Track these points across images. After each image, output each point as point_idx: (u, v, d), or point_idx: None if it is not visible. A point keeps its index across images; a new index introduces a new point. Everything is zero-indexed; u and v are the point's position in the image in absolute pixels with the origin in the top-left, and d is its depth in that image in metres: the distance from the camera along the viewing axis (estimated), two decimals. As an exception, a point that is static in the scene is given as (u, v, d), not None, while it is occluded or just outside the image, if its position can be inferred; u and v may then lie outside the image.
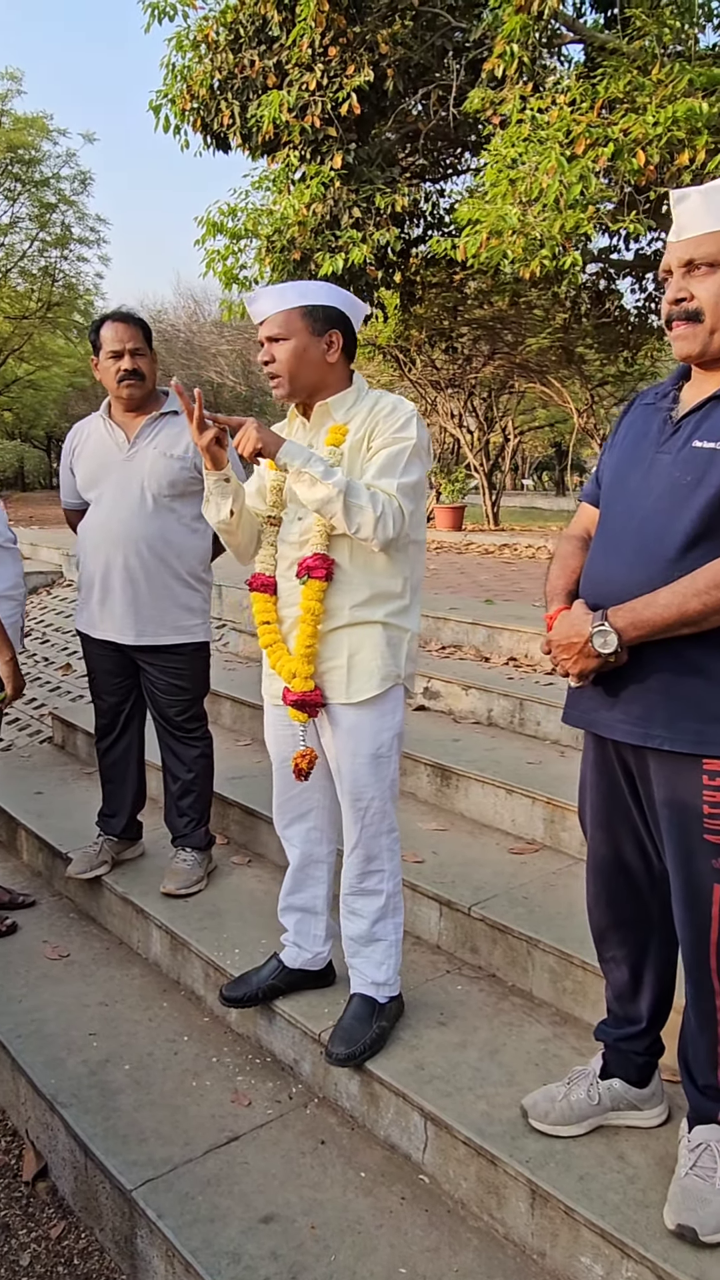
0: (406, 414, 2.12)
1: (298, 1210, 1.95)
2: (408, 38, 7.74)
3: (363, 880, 2.25)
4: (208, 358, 22.81)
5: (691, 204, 1.66)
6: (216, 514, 2.23)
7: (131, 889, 3.06)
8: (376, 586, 2.14)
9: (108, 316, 2.85)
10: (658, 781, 1.74)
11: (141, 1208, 1.96)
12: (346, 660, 2.14)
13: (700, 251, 1.65)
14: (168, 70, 8.30)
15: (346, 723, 2.17)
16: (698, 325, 1.67)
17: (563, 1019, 2.39)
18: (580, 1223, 1.76)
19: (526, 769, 3.44)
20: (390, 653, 2.16)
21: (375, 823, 2.21)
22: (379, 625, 2.15)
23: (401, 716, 2.22)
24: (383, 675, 2.15)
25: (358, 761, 2.17)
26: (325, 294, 2.15)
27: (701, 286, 1.65)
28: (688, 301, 1.67)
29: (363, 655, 2.14)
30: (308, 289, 2.15)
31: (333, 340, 2.14)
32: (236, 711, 4.44)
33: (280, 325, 2.12)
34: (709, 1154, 1.74)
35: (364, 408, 2.16)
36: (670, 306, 1.69)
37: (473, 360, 13.52)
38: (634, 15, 6.44)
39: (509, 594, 6.35)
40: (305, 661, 2.13)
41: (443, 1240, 1.89)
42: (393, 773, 2.22)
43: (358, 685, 2.14)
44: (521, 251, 6.44)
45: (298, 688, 2.15)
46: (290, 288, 2.14)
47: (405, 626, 2.20)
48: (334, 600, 2.13)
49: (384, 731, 2.18)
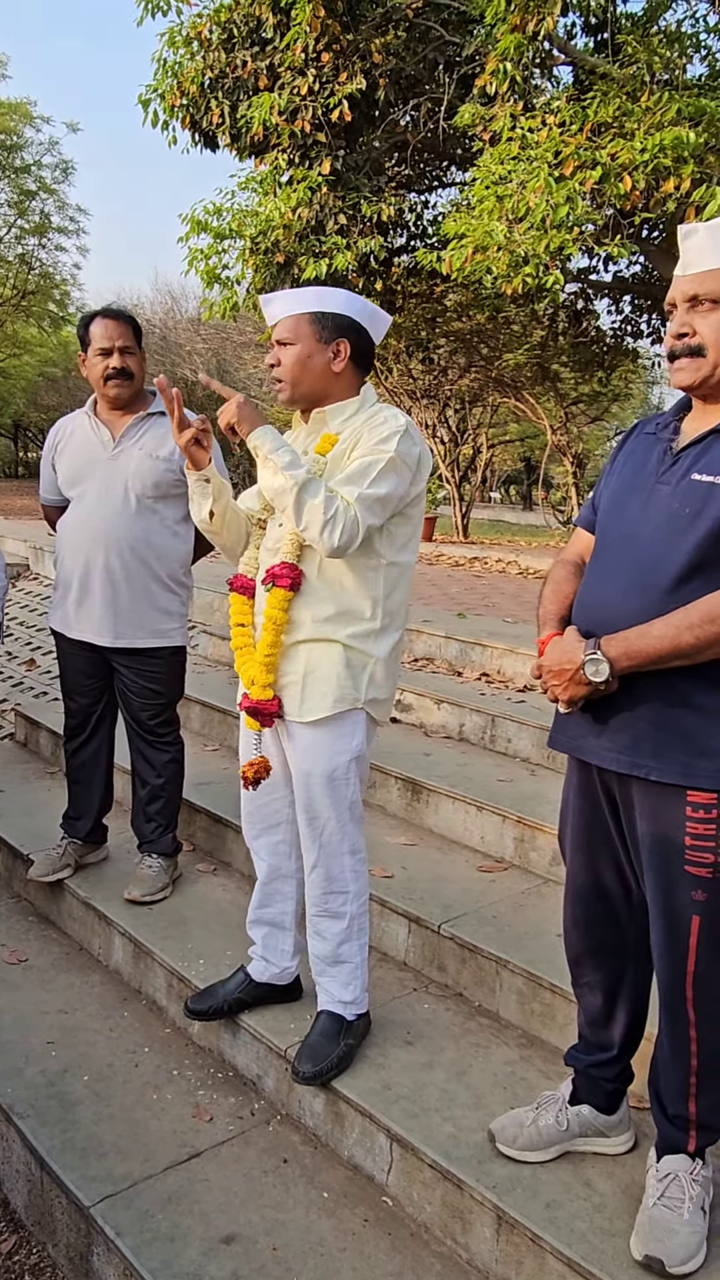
0: (393, 428, 2.06)
1: (259, 1230, 1.92)
2: (400, 48, 7.76)
3: (326, 900, 2.21)
4: (183, 355, 22.66)
5: (698, 240, 1.67)
6: (198, 513, 2.23)
7: (94, 894, 3.01)
8: (342, 604, 2.10)
9: (98, 313, 2.81)
10: (641, 811, 1.74)
11: (99, 1224, 1.91)
12: (302, 676, 2.10)
13: (705, 288, 1.65)
14: (159, 65, 8.25)
15: (302, 741, 2.14)
16: (700, 360, 1.68)
17: (530, 1041, 2.39)
18: (546, 1250, 1.75)
19: (497, 786, 3.45)
20: (349, 675, 2.10)
21: (333, 843, 2.17)
22: (339, 645, 2.09)
23: (361, 741, 2.15)
24: (336, 698, 2.09)
25: (312, 781, 2.13)
26: (342, 302, 2.11)
27: (705, 323, 1.66)
28: (690, 337, 1.68)
29: (319, 674, 2.10)
30: (325, 295, 2.11)
31: (340, 349, 2.10)
32: (206, 716, 4.39)
33: (289, 329, 2.09)
34: (677, 1184, 1.74)
35: (359, 420, 2.13)
36: (673, 341, 1.70)
37: (449, 372, 13.57)
38: (625, 41, 6.52)
39: (480, 608, 6.37)
40: (264, 670, 2.10)
41: (406, 1265, 1.87)
42: (351, 795, 2.16)
43: (310, 704, 2.10)
44: (505, 268, 6.48)
45: (255, 695, 2.12)
46: (308, 292, 2.11)
47: (369, 652, 2.12)
48: (297, 613, 2.10)
49: (339, 755, 2.12)
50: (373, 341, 2.18)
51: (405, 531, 2.14)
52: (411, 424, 2.11)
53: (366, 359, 2.17)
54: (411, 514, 2.15)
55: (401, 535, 2.14)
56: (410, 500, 2.12)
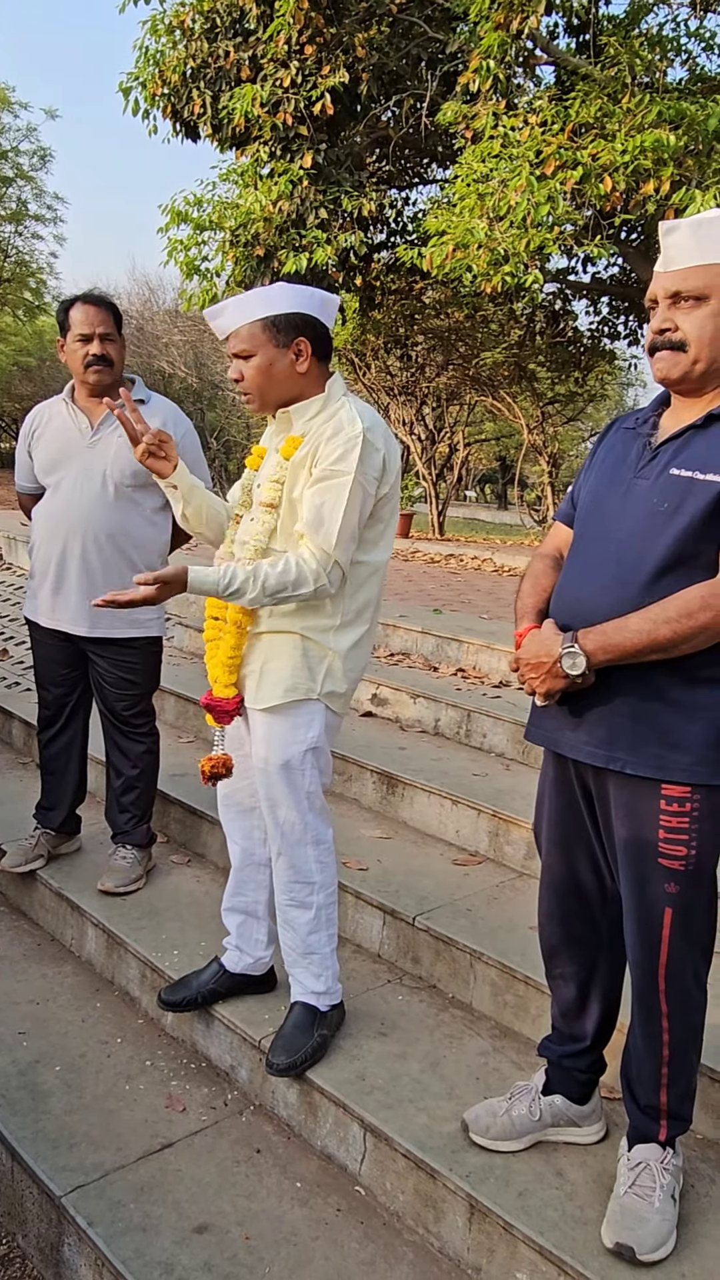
0: (348, 439, 1.99)
1: (232, 1220, 1.92)
2: (384, 43, 7.77)
3: (292, 890, 2.22)
4: (159, 347, 22.51)
5: (680, 236, 1.68)
6: (176, 515, 2.26)
7: (67, 884, 2.99)
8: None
9: (78, 298, 2.77)
10: (616, 804, 1.76)
11: (71, 1215, 1.91)
12: (260, 666, 2.12)
13: (687, 284, 1.67)
14: (141, 53, 8.19)
15: (259, 730, 2.15)
16: (680, 354, 1.69)
17: (503, 1033, 2.40)
18: (518, 1239, 1.76)
19: (472, 780, 3.46)
20: (305, 666, 2.11)
21: (294, 833, 2.17)
22: (296, 636, 2.10)
23: (318, 733, 2.14)
24: (289, 686, 2.10)
25: (269, 769, 2.14)
26: (288, 299, 2.05)
27: (687, 319, 1.68)
28: (672, 332, 1.69)
29: (275, 664, 2.11)
30: (269, 296, 2.05)
31: (300, 349, 2.05)
32: (180, 707, 4.38)
33: (244, 341, 2.04)
34: (648, 1173, 1.76)
35: (320, 420, 2.07)
36: (655, 336, 1.72)
37: (426, 369, 13.59)
38: (608, 43, 6.56)
39: (456, 604, 6.39)
40: (226, 670, 2.12)
41: (378, 1253, 1.88)
42: (309, 785, 2.16)
43: (264, 692, 2.11)
44: (485, 266, 6.50)
45: (216, 692, 2.14)
46: (252, 297, 2.05)
47: (329, 645, 2.12)
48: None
49: (294, 745, 2.12)
50: (328, 329, 2.13)
51: (375, 531, 2.13)
52: (374, 426, 2.05)
53: (326, 348, 2.12)
54: (381, 514, 2.12)
55: (371, 535, 2.12)
56: (379, 500, 2.09)
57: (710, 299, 1.65)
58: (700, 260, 1.65)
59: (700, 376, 1.70)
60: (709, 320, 1.65)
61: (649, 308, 1.75)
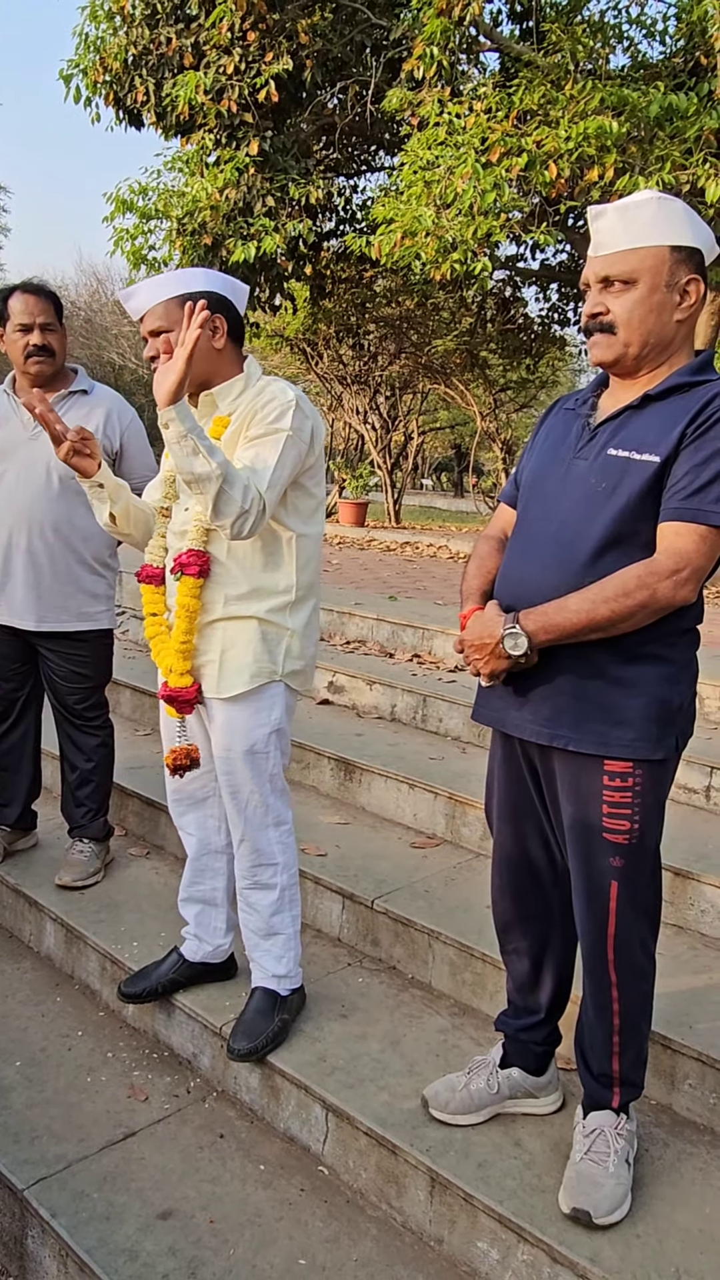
0: (283, 404, 2.04)
1: (196, 1205, 1.94)
2: (327, 30, 7.72)
3: (255, 873, 2.23)
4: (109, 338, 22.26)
5: (609, 221, 1.70)
6: (99, 517, 2.20)
7: (24, 880, 2.97)
8: (255, 582, 2.10)
9: (17, 287, 2.74)
10: (562, 781, 1.79)
11: (34, 1207, 1.91)
12: (219, 655, 2.11)
13: (616, 269, 1.69)
14: (80, 40, 8.06)
15: (221, 718, 2.15)
16: (612, 337, 1.72)
17: (461, 1010, 2.44)
18: (479, 1209, 1.80)
19: (428, 764, 3.49)
20: (265, 649, 2.12)
21: (257, 816, 2.19)
22: (254, 621, 2.11)
23: (280, 714, 2.17)
24: (253, 672, 2.11)
25: (232, 756, 2.15)
26: (203, 280, 2.08)
27: (617, 302, 1.71)
28: (603, 315, 1.72)
29: (235, 651, 2.11)
30: (184, 277, 2.07)
31: (217, 325, 2.06)
32: (136, 700, 4.36)
33: (162, 317, 2.04)
34: (603, 1139, 1.81)
35: (248, 398, 2.10)
36: (588, 320, 1.75)
37: (379, 358, 13.58)
38: (550, 30, 6.58)
39: (411, 591, 6.42)
40: (181, 658, 2.10)
41: (342, 1230, 1.91)
42: (272, 768, 2.18)
43: (228, 681, 2.11)
44: (434, 253, 6.51)
45: (173, 683, 2.12)
46: (167, 278, 2.06)
47: (285, 625, 2.14)
48: (210, 594, 2.10)
49: (258, 728, 2.14)
50: (239, 312, 2.15)
51: (310, 504, 2.15)
52: (302, 396, 2.09)
53: (240, 332, 2.14)
54: (311, 487, 2.15)
55: (306, 508, 2.15)
56: (306, 471, 2.12)
57: (638, 283, 1.68)
58: (628, 244, 1.68)
59: (635, 359, 1.73)
60: (638, 304, 1.68)
61: (583, 290, 1.78)
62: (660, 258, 1.67)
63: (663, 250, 1.67)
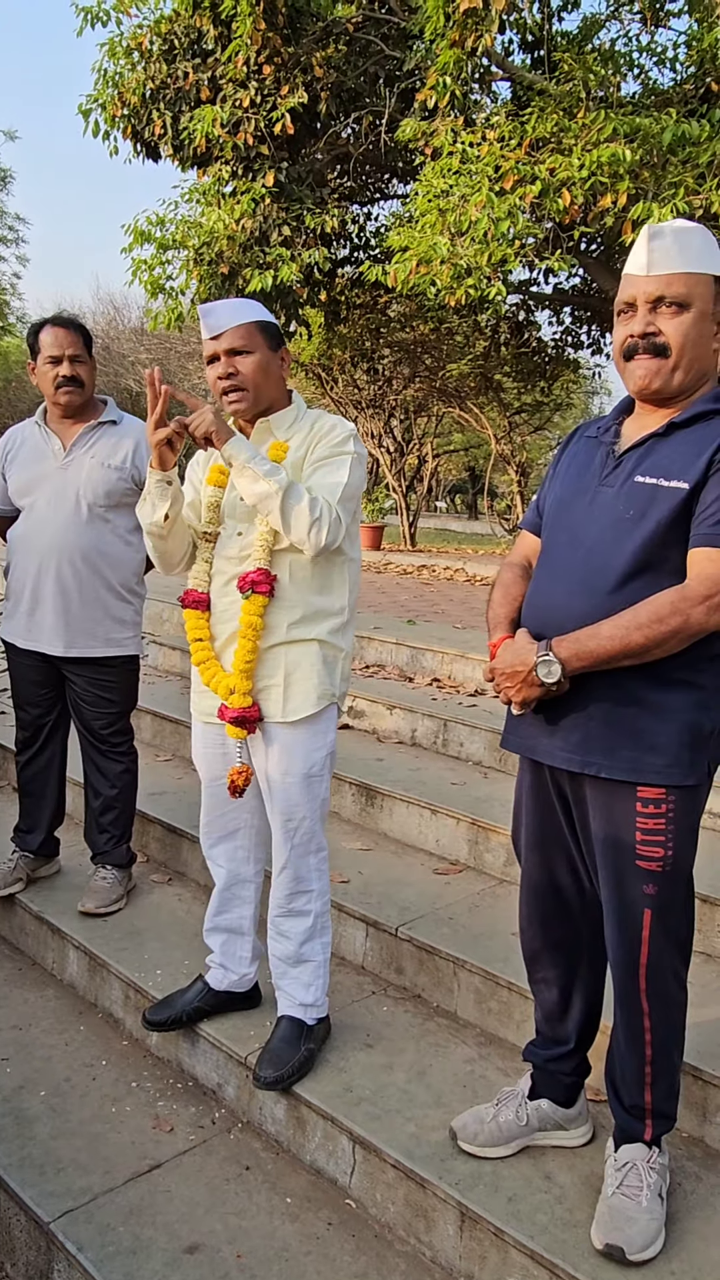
0: (347, 431, 2.16)
1: (223, 1239, 1.92)
2: (341, 62, 7.83)
3: (291, 901, 2.23)
4: (126, 365, 22.48)
5: (665, 242, 1.70)
6: (152, 513, 2.16)
7: (47, 907, 2.97)
8: (313, 605, 2.14)
9: (48, 321, 2.79)
10: (593, 808, 1.78)
11: (60, 1240, 1.89)
12: (283, 679, 2.13)
13: (671, 290, 1.69)
14: (99, 75, 8.20)
15: (280, 742, 2.16)
16: (663, 360, 1.71)
17: (488, 1039, 2.42)
18: (509, 1244, 1.77)
19: (450, 789, 3.48)
20: (326, 671, 2.16)
21: (304, 843, 2.20)
22: (315, 643, 2.15)
23: (334, 736, 2.22)
24: (319, 694, 2.15)
25: (289, 780, 2.16)
26: (267, 314, 2.18)
27: (669, 324, 1.70)
28: (656, 336, 1.71)
29: (299, 674, 2.13)
30: (255, 305, 2.17)
31: (284, 357, 2.18)
32: (157, 726, 4.36)
33: (243, 338, 2.11)
34: (635, 1173, 1.78)
35: (304, 425, 2.18)
36: (635, 339, 1.73)
37: (393, 382, 13.66)
38: (561, 59, 6.65)
39: (430, 615, 6.42)
40: (244, 677, 2.11)
41: (370, 1265, 1.88)
42: (324, 792, 2.21)
43: (294, 704, 2.13)
44: (449, 280, 6.57)
45: (235, 704, 2.12)
46: (242, 302, 2.15)
47: (340, 645, 2.21)
48: (272, 617, 2.12)
49: (317, 751, 2.17)
50: None
51: (355, 529, 2.22)
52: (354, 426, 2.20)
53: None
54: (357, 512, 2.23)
55: (353, 532, 2.21)
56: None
57: (692, 307, 1.69)
58: (684, 268, 1.69)
59: (678, 386, 1.73)
60: (691, 328, 1.69)
61: (620, 312, 1.77)
62: (709, 285, 1.69)
63: (709, 278, 1.69)
